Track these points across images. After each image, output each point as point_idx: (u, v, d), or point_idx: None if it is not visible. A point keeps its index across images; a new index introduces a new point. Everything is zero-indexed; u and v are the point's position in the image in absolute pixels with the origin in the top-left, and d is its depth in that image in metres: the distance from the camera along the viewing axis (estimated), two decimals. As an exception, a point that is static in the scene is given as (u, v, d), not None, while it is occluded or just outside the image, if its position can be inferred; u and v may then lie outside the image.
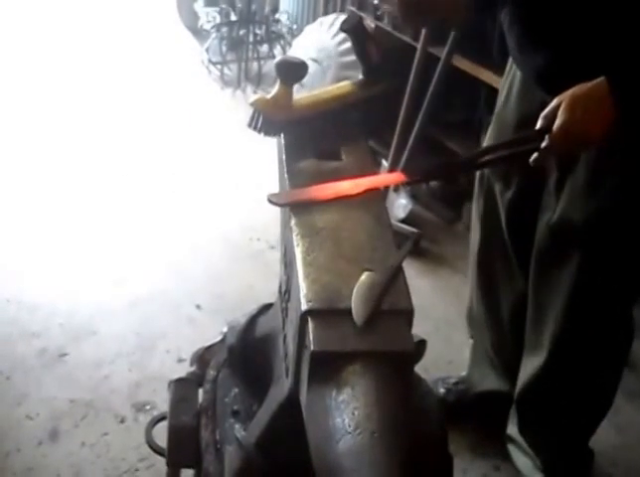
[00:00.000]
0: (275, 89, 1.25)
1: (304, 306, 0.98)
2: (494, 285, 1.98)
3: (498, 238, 1.89)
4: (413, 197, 3.11)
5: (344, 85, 1.36)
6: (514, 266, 1.89)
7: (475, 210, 1.97)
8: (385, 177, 1.25)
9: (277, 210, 1.30)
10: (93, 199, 3.10)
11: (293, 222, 1.11)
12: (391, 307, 0.99)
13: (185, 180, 3.29)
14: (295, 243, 1.07)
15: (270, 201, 1.14)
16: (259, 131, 1.25)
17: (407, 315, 1.00)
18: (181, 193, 3.20)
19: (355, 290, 1.00)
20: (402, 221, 2.97)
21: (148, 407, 2.16)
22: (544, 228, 1.67)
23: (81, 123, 3.65)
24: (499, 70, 2.80)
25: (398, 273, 1.04)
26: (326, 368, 0.94)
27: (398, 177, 1.27)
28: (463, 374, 2.21)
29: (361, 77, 1.36)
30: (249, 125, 1.25)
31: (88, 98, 3.88)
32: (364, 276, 1.02)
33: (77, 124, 3.64)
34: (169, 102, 3.93)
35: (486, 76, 2.84)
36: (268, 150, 1.49)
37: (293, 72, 1.25)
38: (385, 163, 3.11)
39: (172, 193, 3.19)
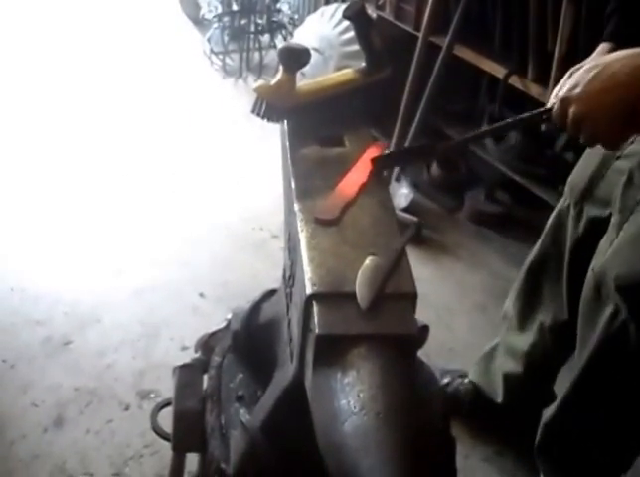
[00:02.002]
0: (278, 76, 1.25)
1: (309, 290, 0.98)
2: (536, 301, 1.89)
3: (556, 258, 1.79)
4: (415, 186, 3.12)
5: (347, 73, 1.36)
6: (563, 293, 1.79)
7: (549, 219, 1.85)
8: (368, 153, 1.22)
9: (280, 199, 1.31)
10: (96, 188, 3.11)
11: (297, 207, 1.11)
12: (394, 291, 1.00)
13: (187, 170, 3.29)
14: (300, 228, 1.08)
15: (322, 220, 1.09)
16: (263, 117, 1.26)
17: (411, 298, 1.01)
18: (183, 182, 3.20)
19: (359, 274, 1.01)
20: (404, 209, 2.98)
21: (152, 395, 2.18)
22: (591, 271, 1.57)
23: (83, 114, 3.65)
24: (501, 59, 2.83)
25: (401, 257, 1.05)
26: (331, 351, 0.95)
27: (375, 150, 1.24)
28: (470, 375, 2.17)
29: (363, 64, 1.37)
30: (253, 111, 1.26)
31: (90, 89, 3.88)
32: (368, 260, 1.03)
33: (78, 115, 3.64)
34: (171, 92, 3.93)
35: (488, 65, 2.84)
36: (271, 139, 1.50)
37: (296, 58, 1.25)
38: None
39: (174, 183, 3.20)
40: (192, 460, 1.56)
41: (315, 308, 0.97)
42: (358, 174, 1.18)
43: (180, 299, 2.55)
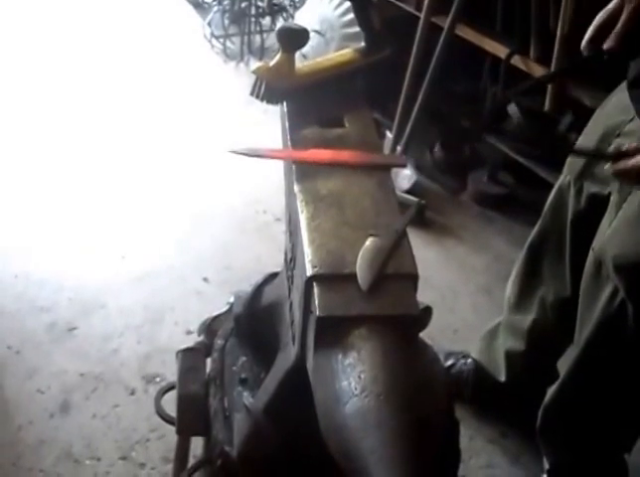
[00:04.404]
0: (277, 57, 1.25)
1: (309, 272, 0.98)
2: (537, 278, 1.88)
3: (557, 235, 1.77)
4: (418, 168, 3.11)
5: (346, 53, 1.35)
6: (565, 270, 1.78)
7: (550, 196, 1.84)
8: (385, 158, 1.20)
9: (282, 182, 1.30)
10: (99, 174, 3.10)
11: (297, 188, 1.11)
12: (395, 271, 1.00)
13: (189, 154, 3.29)
14: (300, 210, 1.08)
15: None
16: (262, 99, 1.25)
17: (412, 279, 1.00)
18: (186, 167, 3.20)
19: (360, 255, 1.00)
20: (407, 191, 2.97)
21: (158, 379, 2.18)
22: (591, 251, 1.56)
23: (85, 100, 3.64)
24: (503, 39, 2.81)
25: (402, 238, 1.04)
26: (332, 332, 0.95)
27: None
28: (473, 355, 2.17)
29: (363, 44, 1.36)
30: (252, 93, 1.25)
31: (90, 75, 3.87)
32: (368, 241, 1.02)
33: (80, 101, 3.63)
34: (172, 77, 3.91)
35: (490, 45, 2.82)
36: (272, 122, 1.49)
37: (295, 39, 1.24)
38: (389, 134, 3.11)
39: (177, 167, 3.19)
40: (198, 444, 1.57)
41: (315, 290, 0.97)
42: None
43: (184, 284, 2.56)
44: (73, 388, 2.16)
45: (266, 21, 4.23)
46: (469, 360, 2.16)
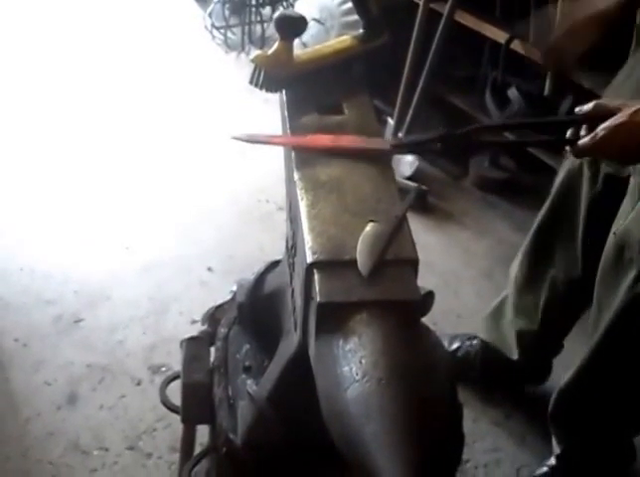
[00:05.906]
0: (276, 45, 1.25)
1: (310, 258, 0.99)
2: (547, 259, 1.89)
3: (568, 218, 1.78)
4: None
5: (344, 40, 1.35)
6: (577, 251, 1.79)
7: (557, 178, 1.84)
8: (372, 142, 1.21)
9: (283, 170, 1.31)
10: (102, 166, 3.10)
11: (297, 176, 1.11)
12: (395, 257, 1.00)
13: (192, 144, 3.29)
14: (300, 198, 1.08)
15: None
16: (261, 87, 1.25)
17: (412, 264, 1.01)
18: (188, 157, 3.20)
19: (360, 241, 1.01)
20: (409, 178, 2.97)
21: (164, 369, 2.19)
22: (612, 234, 1.55)
23: (86, 92, 3.64)
24: (502, 24, 2.80)
25: (402, 223, 1.05)
26: (333, 318, 0.95)
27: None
28: (481, 336, 2.17)
29: (361, 30, 1.36)
30: (251, 82, 1.25)
31: (92, 68, 3.87)
32: (368, 227, 1.03)
33: (81, 93, 3.63)
34: (173, 69, 3.91)
35: (489, 30, 2.82)
36: (273, 111, 1.49)
37: (293, 26, 1.24)
38: (390, 121, 3.10)
39: (179, 157, 3.19)
40: (205, 432, 1.58)
41: (316, 276, 0.97)
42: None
43: (188, 274, 2.57)
44: (79, 379, 2.18)
45: (267, 11, 4.22)
46: (475, 341, 2.16)
